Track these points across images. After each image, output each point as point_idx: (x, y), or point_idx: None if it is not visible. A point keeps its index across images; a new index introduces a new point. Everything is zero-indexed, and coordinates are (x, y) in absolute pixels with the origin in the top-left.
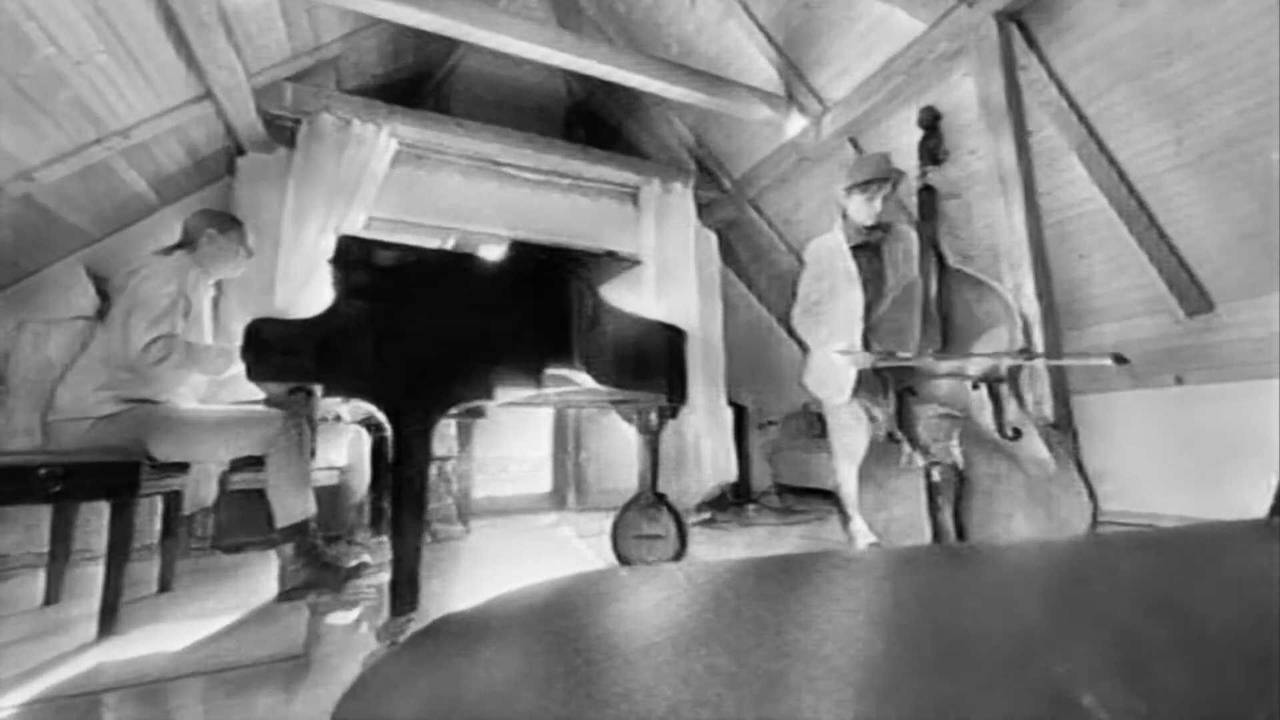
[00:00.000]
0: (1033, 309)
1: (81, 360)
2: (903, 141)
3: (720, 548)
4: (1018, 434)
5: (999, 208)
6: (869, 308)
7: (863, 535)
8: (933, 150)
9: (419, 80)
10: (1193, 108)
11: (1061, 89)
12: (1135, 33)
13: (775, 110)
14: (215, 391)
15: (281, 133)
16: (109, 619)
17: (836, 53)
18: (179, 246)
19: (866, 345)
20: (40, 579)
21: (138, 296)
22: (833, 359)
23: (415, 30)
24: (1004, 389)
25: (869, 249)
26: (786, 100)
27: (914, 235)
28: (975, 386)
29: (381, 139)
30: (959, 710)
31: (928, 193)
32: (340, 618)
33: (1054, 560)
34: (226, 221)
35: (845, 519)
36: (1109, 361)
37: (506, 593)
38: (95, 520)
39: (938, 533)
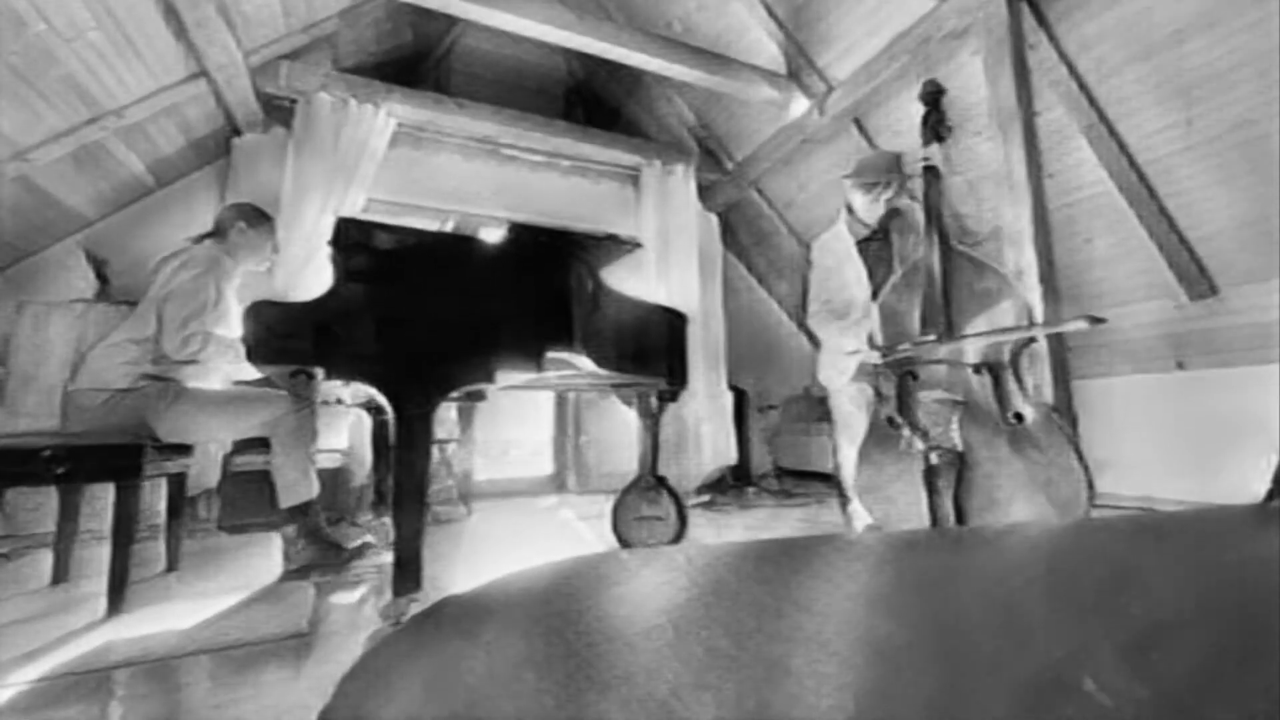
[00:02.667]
0: (1035, 292)
1: (112, 336)
2: (908, 124)
3: (720, 530)
4: (1020, 419)
5: (1004, 189)
6: (877, 295)
7: (861, 518)
8: (935, 126)
9: (417, 59)
10: (1203, 89)
11: (1071, 69)
12: (1147, 11)
13: (778, 90)
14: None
15: (278, 113)
16: (116, 598)
17: (842, 31)
18: (210, 236)
19: (873, 334)
20: (48, 558)
21: (174, 285)
22: (840, 355)
23: (412, 6)
24: (1006, 373)
25: (877, 238)
26: (790, 80)
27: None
28: (978, 371)
29: (379, 119)
30: (960, 693)
31: (931, 173)
32: (344, 597)
33: (1053, 544)
34: (258, 216)
35: (844, 502)
36: (1084, 325)
37: (507, 575)
38: (102, 500)
39: (936, 517)
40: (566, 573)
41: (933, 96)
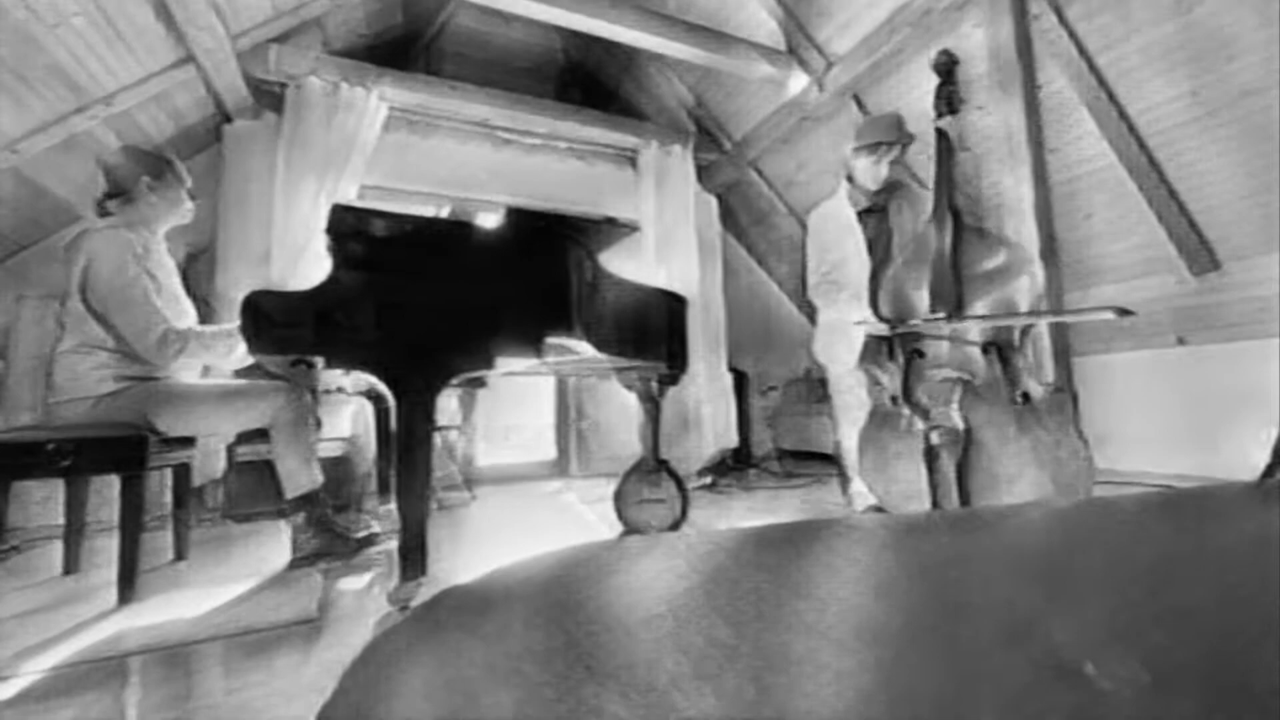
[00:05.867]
0: (1038, 268)
1: (66, 342)
2: (909, 98)
3: (721, 511)
4: (1027, 398)
5: (1006, 164)
6: (877, 270)
7: (862, 498)
8: (949, 98)
9: (408, 41)
10: (1209, 59)
11: (1074, 39)
12: None
13: (777, 67)
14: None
15: (269, 98)
16: (127, 587)
17: (840, 4)
18: (111, 196)
19: (875, 307)
20: (58, 549)
21: (100, 287)
22: (847, 328)
23: None
24: (1016, 353)
25: (875, 211)
26: (788, 56)
27: (923, 193)
28: (986, 350)
29: (371, 103)
30: (960, 679)
31: (943, 138)
32: (352, 583)
33: (1054, 526)
34: (158, 163)
35: (845, 482)
36: (1110, 315)
37: (508, 565)
38: (109, 492)
39: (937, 496)
40: (567, 562)
41: (946, 67)
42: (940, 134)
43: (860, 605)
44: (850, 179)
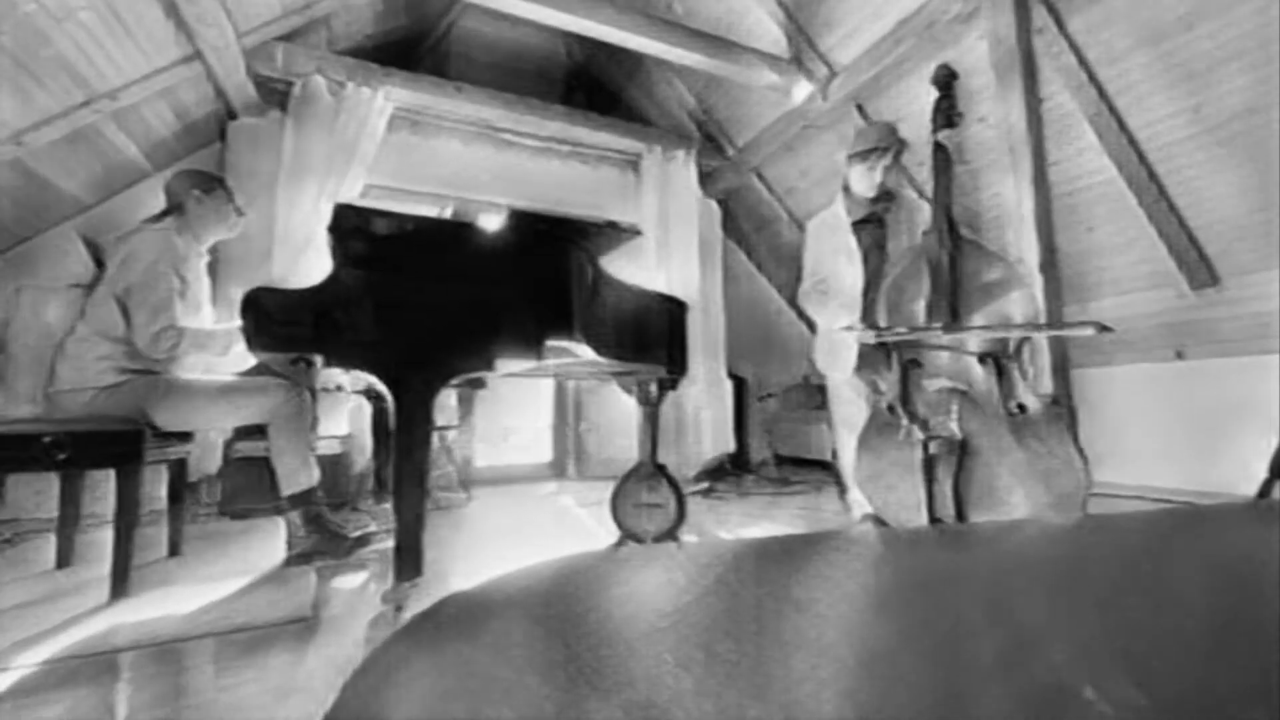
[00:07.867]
0: (1036, 281)
1: (78, 332)
2: (912, 108)
3: (719, 518)
4: (1022, 409)
5: (1007, 177)
6: (871, 281)
7: (859, 506)
8: (947, 111)
9: (414, 41)
10: (1212, 74)
11: (1077, 53)
12: None
13: (780, 75)
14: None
15: (274, 96)
16: (120, 582)
17: (845, 14)
18: (166, 213)
19: (869, 318)
20: (52, 543)
21: (131, 276)
22: (843, 336)
23: None
24: (1011, 363)
25: (872, 221)
26: (792, 65)
27: (921, 204)
28: (982, 360)
29: (376, 102)
30: (960, 701)
31: (941, 151)
32: (346, 582)
33: (1053, 544)
34: (210, 181)
35: (843, 490)
36: (1091, 331)
37: (507, 574)
38: (104, 486)
39: (934, 506)
40: (567, 572)
41: (944, 81)
42: (939, 147)
43: (861, 622)
44: (847, 189)
